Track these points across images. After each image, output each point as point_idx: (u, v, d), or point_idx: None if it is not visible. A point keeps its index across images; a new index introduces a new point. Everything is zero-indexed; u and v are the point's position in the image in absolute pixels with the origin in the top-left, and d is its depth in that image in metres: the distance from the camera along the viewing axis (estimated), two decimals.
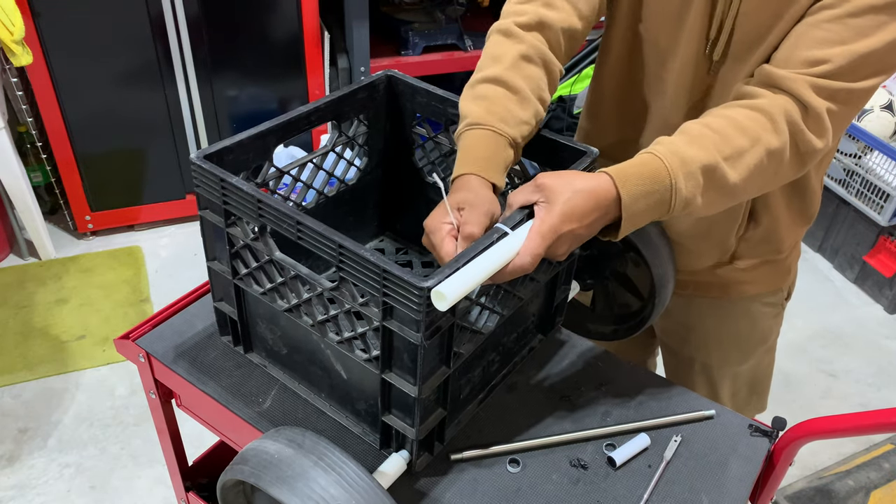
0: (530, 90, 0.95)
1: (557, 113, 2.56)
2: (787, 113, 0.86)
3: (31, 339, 2.32)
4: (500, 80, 0.94)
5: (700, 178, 0.84)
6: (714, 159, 0.84)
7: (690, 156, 0.83)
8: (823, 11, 0.86)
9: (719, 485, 0.95)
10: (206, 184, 0.90)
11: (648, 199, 0.83)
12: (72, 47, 2.32)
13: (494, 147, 0.91)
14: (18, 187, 2.41)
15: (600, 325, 1.22)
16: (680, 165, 0.83)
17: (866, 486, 1.96)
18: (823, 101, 0.86)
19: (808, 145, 0.87)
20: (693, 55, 1.00)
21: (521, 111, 0.94)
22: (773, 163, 0.87)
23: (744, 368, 1.29)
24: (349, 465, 0.77)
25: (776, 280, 1.20)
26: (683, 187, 0.83)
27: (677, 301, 1.24)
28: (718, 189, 0.86)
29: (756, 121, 0.86)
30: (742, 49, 0.95)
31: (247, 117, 2.68)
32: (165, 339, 1.08)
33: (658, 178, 0.82)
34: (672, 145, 0.85)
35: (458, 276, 0.75)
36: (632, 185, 0.82)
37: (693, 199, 0.84)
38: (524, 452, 0.98)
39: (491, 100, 0.93)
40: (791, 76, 0.86)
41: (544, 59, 0.97)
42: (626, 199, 0.82)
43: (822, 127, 0.87)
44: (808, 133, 0.86)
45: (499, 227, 0.82)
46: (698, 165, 0.83)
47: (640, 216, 0.84)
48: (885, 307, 2.66)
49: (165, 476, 1.38)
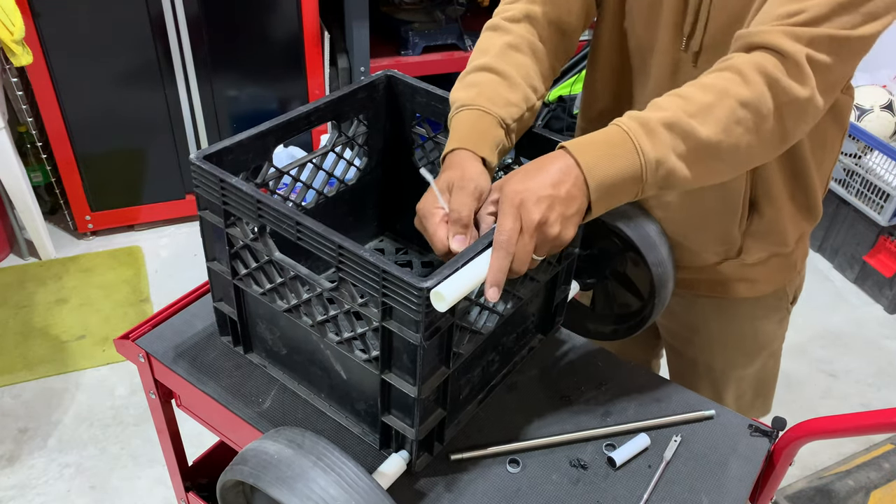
0: (519, 76, 0.95)
1: (557, 113, 2.56)
2: (759, 65, 0.81)
3: (31, 339, 2.32)
4: (488, 68, 0.95)
5: (665, 136, 0.80)
6: (676, 116, 0.81)
7: (648, 116, 0.81)
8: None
9: (719, 485, 0.95)
10: (206, 184, 0.90)
11: (613, 164, 0.79)
12: (72, 47, 2.32)
13: (483, 125, 0.91)
14: (18, 187, 2.41)
15: (600, 324, 1.22)
16: (639, 126, 0.80)
17: (866, 486, 1.96)
18: (802, 47, 0.81)
19: (788, 94, 0.81)
20: (671, 49, 1.00)
21: (510, 93, 0.94)
22: (751, 114, 0.82)
23: (748, 372, 1.28)
24: (349, 465, 0.77)
25: (783, 275, 1.19)
26: (649, 147, 0.80)
27: (682, 302, 1.24)
28: (692, 147, 0.81)
29: (721, 77, 0.82)
30: (720, 38, 0.94)
31: (247, 117, 2.68)
32: (165, 339, 1.08)
33: (617, 141, 0.80)
34: (633, 113, 0.83)
35: (457, 277, 0.75)
36: (589, 152, 0.80)
37: (666, 159, 0.80)
38: (524, 452, 0.98)
39: (480, 85, 0.94)
40: (764, 29, 0.82)
41: (533, 49, 0.98)
42: (585, 165, 0.79)
43: (802, 74, 0.82)
44: (786, 80, 0.81)
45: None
46: (658, 122, 0.80)
47: (610, 186, 0.80)
48: (885, 307, 2.66)
49: (165, 476, 1.38)
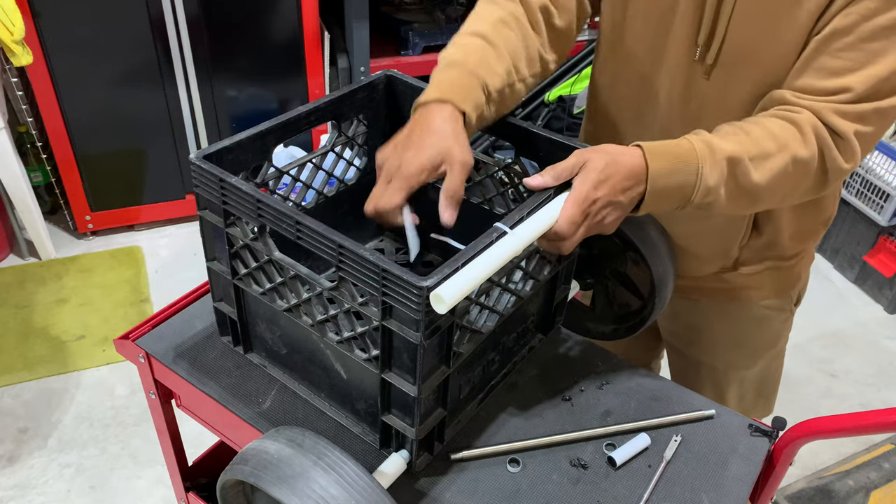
0: (506, 50, 0.96)
1: (557, 113, 2.56)
2: (816, 128, 0.87)
3: (31, 339, 2.32)
4: (480, 34, 0.97)
5: (724, 168, 0.86)
6: (740, 154, 0.86)
7: (719, 146, 0.86)
8: (836, 40, 0.86)
9: (719, 485, 0.95)
10: (206, 184, 0.90)
11: (674, 178, 0.85)
12: (72, 47, 2.32)
13: (467, 81, 0.91)
14: (18, 187, 2.41)
15: (600, 324, 1.22)
16: (709, 153, 0.85)
17: (866, 486, 1.96)
18: (851, 124, 0.87)
19: (834, 163, 0.89)
20: (683, 60, 1.00)
21: (496, 63, 0.95)
22: (798, 172, 0.88)
23: (751, 372, 1.28)
24: (349, 464, 0.77)
25: (784, 286, 1.20)
26: (709, 174, 0.85)
27: (684, 303, 1.24)
28: (740, 186, 0.87)
29: (786, 129, 0.88)
30: (738, 55, 0.95)
31: (247, 117, 2.68)
32: (165, 339, 1.08)
33: (686, 159, 0.85)
34: (703, 135, 0.88)
35: (457, 278, 0.75)
36: (661, 160, 0.84)
37: (716, 189, 0.86)
38: (524, 452, 0.98)
39: (469, 47, 0.95)
40: (814, 105, 0.88)
41: (523, 32, 0.99)
42: (653, 172, 0.84)
43: (850, 149, 0.88)
44: (835, 151, 0.88)
45: (498, 226, 0.82)
46: (724, 155, 0.86)
47: (663, 195, 0.85)
48: (885, 307, 2.66)
49: (165, 476, 1.38)
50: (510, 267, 0.90)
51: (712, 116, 1.00)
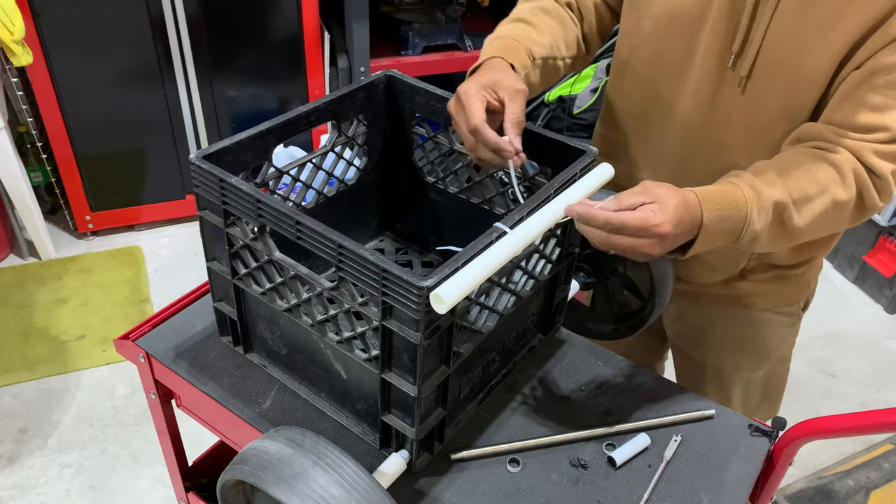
0: (546, 28, 1.05)
1: (557, 113, 2.56)
2: (856, 170, 0.89)
3: (31, 339, 2.32)
4: (518, 19, 1.06)
5: (770, 214, 0.87)
6: (784, 199, 0.87)
7: (766, 192, 0.87)
8: (880, 77, 0.87)
9: (719, 485, 0.95)
10: (206, 184, 0.90)
11: (724, 225, 0.85)
12: (72, 47, 2.32)
13: (513, 47, 0.99)
14: (18, 187, 2.41)
15: (600, 324, 1.22)
16: (756, 199, 0.86)
17: (866, 486, 1.96)
18: (889, 164, 0.89)
19: (872, 201, 0.91)
20: (714, 69, 0.99)
21: (537, 36, 1.03)
22: (837, 214, 0.90)
23: (756, 375, 1.28)
24: (349, 464, 0.77)
25: (792, 294, 1.20)
26: (756, 220, 0.86)
27: (691, 305, 1.24)
28: (783, 229, 0.89)
29: (827, 172, 0.89)
30: (769, 71, 0.95)
31: (247, 117, 2.68)
32: (165, 339, 1.08)
33: (736, 207, 0.85)
34: (750, 179, 0.88)
35: (457, 278, 0.75)
36: (713, 208, 0.84)
37: (761, 234, 0.87)
38: (524, 452, 0.98)
39: (510, 29, 1.04)
40: (853, 144, 0.89)
41: (560, 17, 1.08)
42: (706, 220, 0.84)
43: (886, 189, 0.90)
44: (873, 191, 0.90)
45: (498, 226, 0.82)
46: (772, 201, 0.87)
47: (712, 239, 0.86)
48: (885, 307, 2.66)
49: (165, 476, 1.38)
50: (510, 267, 0.90)
51: (736, 130, 1.00)
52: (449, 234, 1.20)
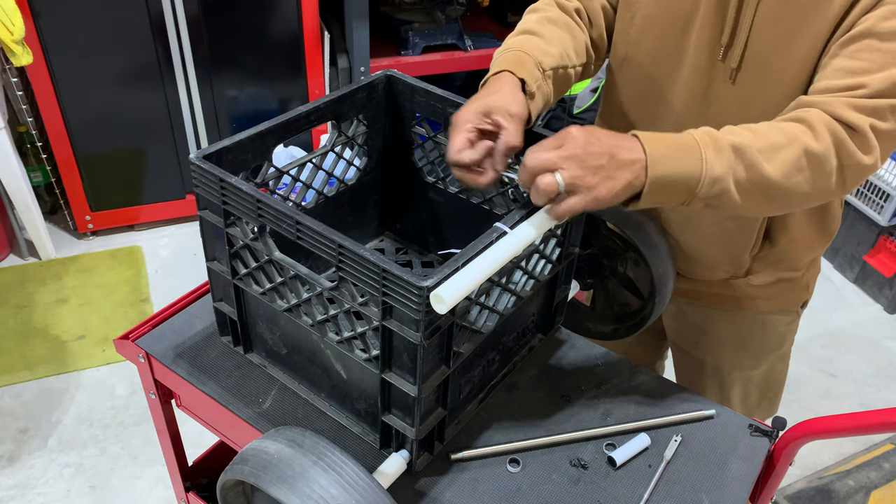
0: (555, 38, 1.04)
1: (557, 113, 2.56)
2: (829, 124, 0.85)
3: (31, 339, 2.32)
4: (526, 31, 1.05)
5: (731, 157, 0.83)
6: (745, 145, 0.83)
7: (722, 136, 0.84)
8: (855, 42, 0.86)
9: (719, 485, 0.95)
10: (206, 184, 0.90)
11: (675, 164, 0.81)
12: (72, 47, 2.32)
13: (522, 60, 0.97)
14: (18, 187, 2.41)
15: (600, 324, 1.22)
16: (709, 140, 0.83)
17: (866, 486, 1.96)
18: (866, 118, 0.85)
19: (852, 158, 0.86)
20: (705, 63, 1.00)
21: (547, 47, 1.02)
22: (814, 166, 0.85)
23: (756, 373, 1.28)
24: (349, 464, 0.77)
25: (792, 298, 1.20)
26: (713, 160, 0.82)
27: (690, 304, 1.24)
28: (753, 181, 0.84)
29: (794, 126, 0.86)
30: (763, 57, 0.95)
31: (247, 117, 2.68)
32: (165, 339, 1.08)
33: (687, 146, 0.82)
34: (703, 128, 0.86)
35: (457, 278, 0.75)
36: (659, 145, 0.82)
37: (725, 179, 0.82)
38: (524, 452, 0.98)
39: (518, 41, 1.02)
40: (828, 99, 0.86)
41: (568, 27, 1.06)
42: (651, 155, 0.81)
43: (867, 143, 0.86)
44: (852, 146, 0.85)
45: (498, 226, 0.82)
46: (728, 143, 0.83)
47: (667, 183, 0.82)
48: (885, 307, 2.66)
49: (165, 476, 1.38)
50: (510, 267, 0.90)
51: (731, 121, 1.00)
52: (449, 234, 1.20)
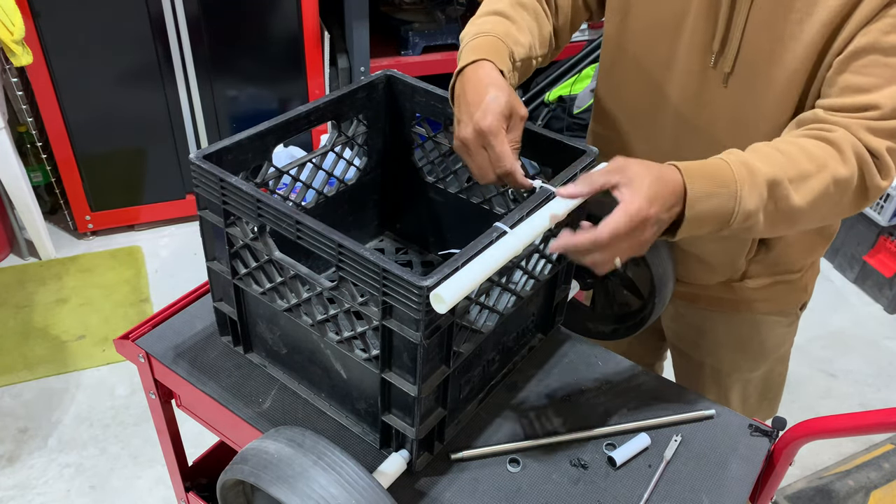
0: (525, 26, 1.00)
1: (557, 113, 2.56)
2: (856, 147, 0.86)
3: (31, 339, 2.32)
4: (499, 13, 1.00)
5: (764, 192, 0.83)
6: (779, 176, 0.83)
7: (757, 168, 0.83)
8: (859, 58, 0.86)
9: (719, 485, 0.95)
10: (206, 184, 0.90)
11: (712, 201, 0.81)
12: (72, 47, 2.32)
13: (498, 47, 0.94)
14: (18, 187, 2.41)
15: (600, 324, 1.22)
16: (747, 175, 0.82)
17: (866, 486, 1.96)
18: (883, 141, 0.86)
19: (872, 181, 0.87)
20: (696, 67, 0.99)
21: (517, 34, 0.99)
22: (839, 192, 0.86)
23: (755, 375, 1.28)
24: (349, 464, 0.77)
25: (790, 300, 1.20)
26: (748, 197, 0.82)
27: (689, 306, 1.24)
28: (780, 209, 0.84)
29: (824, 150, 0.86)
30: (756, 61, 0.95)
31: (247, 117, 2.68)
32: (165, 339, 1.08)
33: (724, 182, 0.81)
34: (740, 155, 0.85)
35: (457, 278, 0.75)
36: (698, 182, 0.81)
37: (755, 214, 0.83)
38: (524, 452, 0.98)
39: (493, 24, 0.99)
40: (846, 121, 0.86)
41: (535, 13, 1.03)
42: (690, 195, 0.80)
43: (885, 167, 0.87)
44: (874, 169, 0.87)
45: (498, 226, 0.82)
46: (764, 178, 0.82)
47: (701, 218, 0.82)
48: (885, 307, 2.66)
49: (165, 476, 1.38)
50: (510, 267, 0.90)
51: (725, 126, 1.00)
52: (449, 234, 1.20)
